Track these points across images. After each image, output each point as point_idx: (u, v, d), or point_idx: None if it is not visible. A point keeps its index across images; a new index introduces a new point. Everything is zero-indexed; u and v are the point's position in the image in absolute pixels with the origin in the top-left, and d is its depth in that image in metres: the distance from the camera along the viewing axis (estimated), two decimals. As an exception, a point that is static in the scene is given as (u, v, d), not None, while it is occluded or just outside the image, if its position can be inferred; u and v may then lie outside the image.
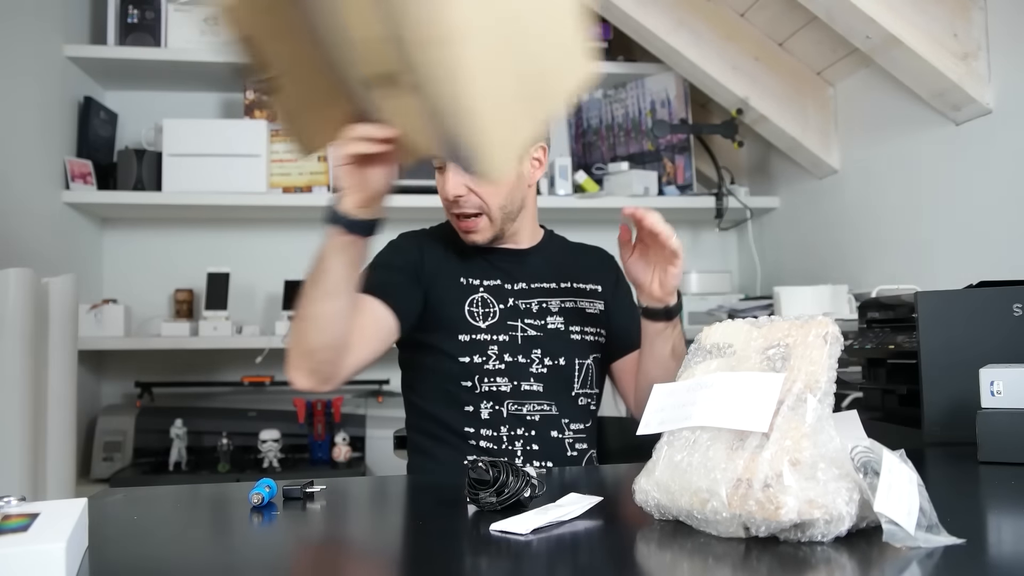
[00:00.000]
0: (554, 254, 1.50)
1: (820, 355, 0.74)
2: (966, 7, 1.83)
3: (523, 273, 1.44)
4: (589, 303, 1.47)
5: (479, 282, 1.42)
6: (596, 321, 1.47)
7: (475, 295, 1.41)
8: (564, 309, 1.44)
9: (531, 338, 1.40)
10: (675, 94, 2.73)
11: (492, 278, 1.43)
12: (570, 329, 1.43)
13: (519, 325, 1.40)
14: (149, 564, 0.73)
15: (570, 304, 1.45)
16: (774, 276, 2.77)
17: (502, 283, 1.43)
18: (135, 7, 2.58)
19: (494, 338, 1.38)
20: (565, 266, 1.48)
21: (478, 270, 1.43)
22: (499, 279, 1.43)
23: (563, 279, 1.47)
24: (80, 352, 1.91)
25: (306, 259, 1.24)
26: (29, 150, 2.31)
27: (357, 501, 1.01)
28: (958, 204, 1.92)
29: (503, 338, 1.39)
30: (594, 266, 1.53)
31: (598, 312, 1.47)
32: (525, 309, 1.41)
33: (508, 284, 1.43)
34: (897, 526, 0.64)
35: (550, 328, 1.42)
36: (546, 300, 1.43)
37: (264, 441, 2.43)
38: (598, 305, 1.48)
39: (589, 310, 1.46)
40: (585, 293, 1.47)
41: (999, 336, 1.17)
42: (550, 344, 1.40)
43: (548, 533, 0.76)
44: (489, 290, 1.42)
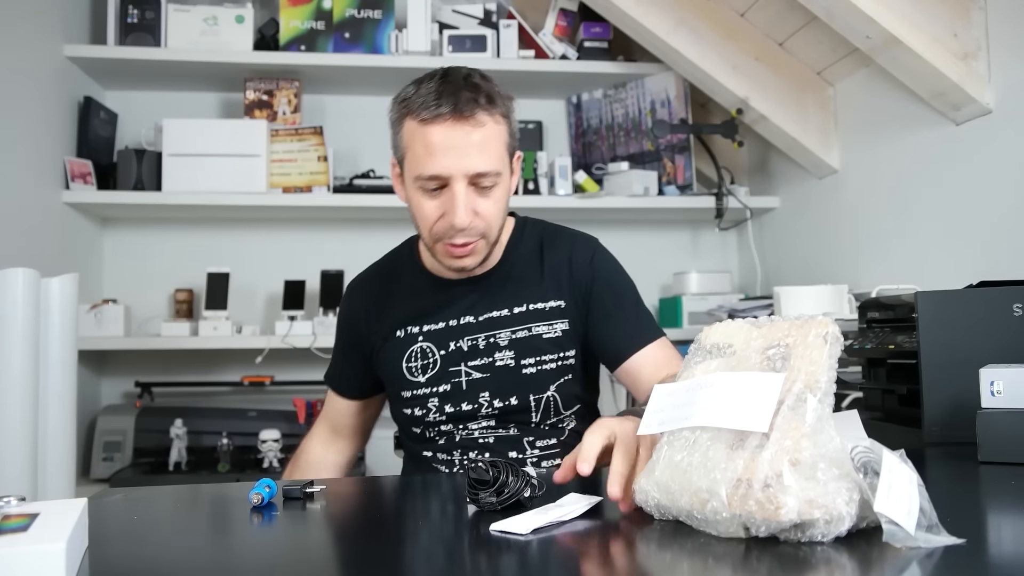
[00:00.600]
0: (514, 269, 1.37)
1: (820, 355, 0.74)
2: (966, 7, 1.83)
3: (472, 304, 1.34)
4: (547, 326, 1.33)
5: (419, 329, 1.35)
6: (557, 345, 1.33)
7: (414, 347, 1.35)
8: (515, 341, 1.32)
9: (476, 382, 1.32)
10: (675, 94, 2.73)
11: (433, 320, 1.35)
12: (522, 363, 1.32)
13: (462, 370, 1.33)
14: (149, 564, 0.73)
15: (523, 333, 1.32)
16: (774, 276, 2.77)
17: (446, 324, 1.34)
18: (135, 7, 2.58)
19: (434, 390, 1.33)
20: (523, 284, 1.35)
21: (422, 314, 1.36)
22: (442, 320, 1.35)
23: (518, 301, 1.34)
24: (80, 352, 1.91)
25: (306, 259, 1.25)
26: (29, 150, 2.31)
27: (357, 501, 1.01)
28: (958, 204, 1.92)
29: (444, 388, 1.33)
30: (561, 272, 1.36)
31: (559, 335, 1.33)
32: (470, 349, 1.33)
33: (454, 320, 1.34)
34: (897, 526, 0.64)
35: (498, 366, 1.32)
36: (495, 333, 1.33)
37: (264, 441, 2.43)
38: (559, 326, 1.33)
39: (547, 335, 1.33)
40: (543, 315, 1.34)
41: (999, 336, 1.17)
42: (499, 385, 1.31)
43: (548, 533, 0.76)
44: (429, 337, 1.34)
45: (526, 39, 2.77)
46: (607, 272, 1.37)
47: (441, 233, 1.25)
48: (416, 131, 1.21)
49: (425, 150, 1.20)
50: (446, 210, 1.22)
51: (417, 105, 1.21)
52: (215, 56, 2.58)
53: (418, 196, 1.25)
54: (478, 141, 1.20)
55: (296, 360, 2.63)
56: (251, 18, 2.64)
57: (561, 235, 1.41)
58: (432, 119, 1.19)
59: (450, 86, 1.21)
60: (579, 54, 2.79)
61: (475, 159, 1.20)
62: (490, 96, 1.22)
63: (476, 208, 1.23)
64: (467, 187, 1.21)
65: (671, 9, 2.44)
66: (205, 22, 2.61)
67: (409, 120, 1.22)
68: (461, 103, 1.19)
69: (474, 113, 1.19)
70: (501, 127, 1.24)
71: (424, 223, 1.26)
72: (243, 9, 2.64)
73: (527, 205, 2.65)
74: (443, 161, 1.19)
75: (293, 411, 2.56)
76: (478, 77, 1.25)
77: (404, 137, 1.24)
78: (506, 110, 1.25)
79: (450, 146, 1.19)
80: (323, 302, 2.63)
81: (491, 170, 1.21)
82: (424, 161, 1.20)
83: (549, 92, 2.95)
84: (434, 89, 1.21)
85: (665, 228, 3.01)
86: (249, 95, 2.70)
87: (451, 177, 1.20)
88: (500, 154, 1.24)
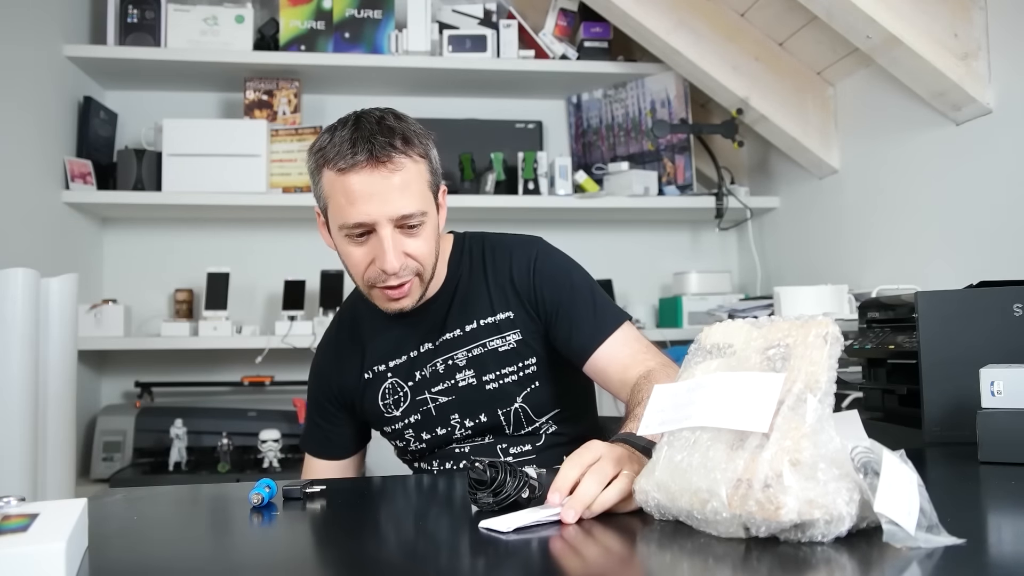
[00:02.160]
0: (459, 288, 1.35)
1: (820, 355, 0.74)
2: (966, 7, 1.83)
3: (427, 331, 1.34)
4: (501, 339, 1.32)
5: (385, 367, 1.36)
6: (514, 357, 1.33)
7: (384, 384, 1.37)
8: (473, 359, 1.32)
9: (443, 406, 1.33)
10: (675, 94, 2.73)
11: (396, 355, 1.36)
12: (484, 380, 1.32)
13: (427, 397, 1.34)
14: (149, 564, 0.73)
15: (478, 350, 1.32)
16: (774, 276, 2.77)
17: (407, 356, 1.35)
18: (135, 7, 2.58)
19: (408, 421, 1.35)
20: (470, 301, 1.34)
21: (383, 351, 1.37)
22: (403, 354, 1.35)
23: (468, 319, 1.34)
24: (80, 352, 1.91)
25: (306, 259, 1.25)
26: (29, 150, 2.31)
27: (357, 501, 1.01)
28: (958, 204, 1.92)
29: (415, 418, 1.35)
30: (505, 283, 1.34)
31: (513, 346, 1.32)
32: (432, 375, 1.34)
33: (413, 351, 1.35)
34: (897, 526, 0.64)
35: (461, 387, 1.33)
36: (453, 355, 1.33)
37: (264, 441, 2.42)
38: (512, 337, 1.32)
39: (502, 348, 1.32)
40: (494, 328, 1.33)
41: (999, 336, 1.17)
42: (465, 405, 1.33)
43: (548, 533, 0.76)
44: (396, 371, 1.36)
45: (526, 39, 2.77)
46: (551, 273, 1.34)
47: (374, 279, 1.23)
48: (335, 181, 1.19)
49: (346, 199, 1.18)
50: (375, 255, 1.21)
51: (333, 154, 1.18)
52: (215, 56, 2.58)
53: (346, 245, 1.23)
54: (398, 184, 1.18)
55: (296, 360, 2.63)
56: (251, 18, 2.64)
57: (501, 245, 1.38)
58: (349, 168, 1.17)
59: (364, 132, 1.18)
60: (579, 54, 2.79)
61: (397, 203, 1.18)
62: (405, 137, 1.20)
63: (406, 250, 1.21)
64: (393, 231, 1.19)
65: (671, 9, 2.44)
66: (205, 22, 2.61)
67: (327, 170, 1.20)
68: (376, 148, 1.17)
69: (391, 157, 1.17)
70: (420, 166, 1.22)
71: (356, 271, 1.24)
72: (243, 9, 2.64)
73: (527, 205, 2.66)
74: (365, 208, 1.17)
75: (293, 411, 2.56)
76: (392, 119, 1.22)
77: (324, 187, 1.22)
78: (424, 149, 1.23)
79: (371, 192, 1.17)
80: (323, 302, 2.63)
81: (415, 211, 1.20)
82: (347, 210, 1.18)
83: (549, 92, 2.95)
84: (348, 137, 1.18)
85: (665, 228, 3.01)
86: (249, 95, 2.70)
87: (376, 223, 1.18)
88: (423, 193, 1.22)
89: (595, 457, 0.84)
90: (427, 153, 1.24)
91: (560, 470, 0.83)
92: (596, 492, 0.80)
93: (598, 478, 0.81)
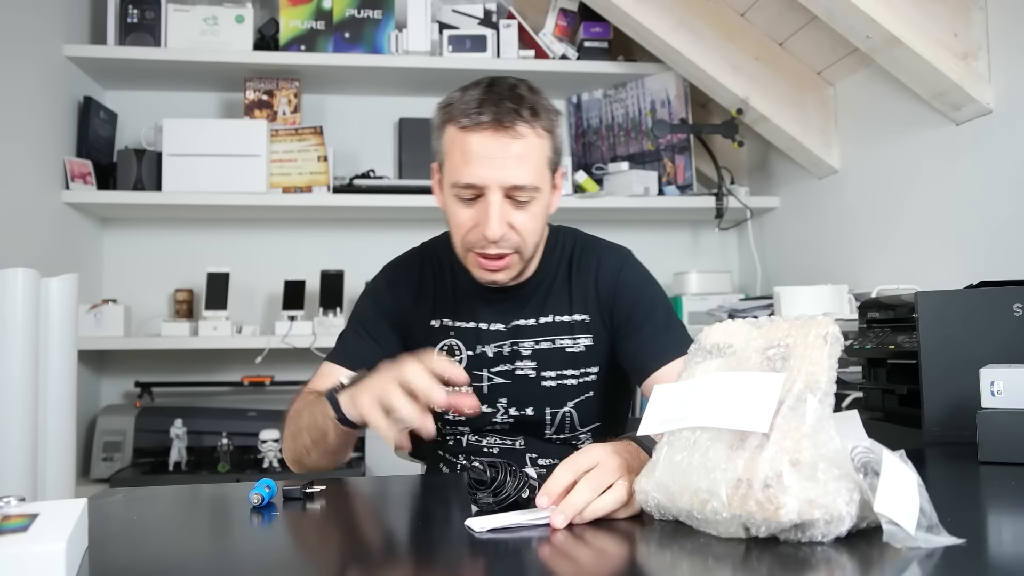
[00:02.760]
0: (545, 276, 1.34)
1: (820, 355, 0.74)
2: (966, 7, 1.83)
3: (504, 310, 1.33)
4: (571, 340, 1.32)
5: (451, 323, 1.34)
6: (579, 361, 1.32)
7: (445, 340, 1.33)
8: (538, 352, 1.31)
9: (496, 387, 1.31)
10: (675, 94, 2.73)
11: (466, 318, 1.34)
12: (542, 375, 1.31)
13: (484, 375, 1.32)
14: (149, 564, 0.73)
15: (546, 344, 1.31)
16: (774, 276, 2.77)
17: (476, 325, 1.33)
18: (135, 7, 2.58)
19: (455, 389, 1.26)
20: (551, 294, 1.34)
21: (456, 308, 1.34)
22: (473, 320, 1.33)
23: (544, 311, 1.33)
24: (80, 352, 1.91)
25: (306, 259, 1.24)
26: (29, 150, 2.31)
27: (357, 501, 1.01)
28: (958, 204, 1.92)
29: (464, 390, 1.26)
30: (588, 287, 1.34)
31: (582, 350, 1.32)
32: (495, 355, 1.32)
33: (484, 324, 1.33)
34: (897, 526, 0.64)
35: (519, 375, 1.31)
36: (519, 341, 1.32)
37: (264, 441, 2.43)
38: (583, 341, 1.32)
39: (571, 349, 1.32)
40: (567, 328, 1.32)
41: (999, 336, 1.17)
42: (517, 394, 1.31)
43: (531, 535, 0.76)
44: (460, 334, 1.33)
45: (526, 39, 2.77)
46: (634, 286, 1.33)
47: (473, 242, 1.22)
48: (455, 138, 1.19)
49: (463, 158, 1.17)
50: (479, 220, 1.19)
51: (458, 112, 1.18)
52: (215, 56, 2.58)
53: (453, 204, 1.22)
54: (517, 153, 1.17)
55: (296, 360, 2.63)
56: (251, 18, 2.64)
57: (591, 248, 1.38)
58: (472, 127, 1.16)
59: (493, 95, 1.18)
60: (579, 54, 2.79)
61: (512, 171, 1.17)
62: (534, 108, 1.19)
63: (511, 221, 1.20)
64: (502, 199, 1.18)
65: (671, 9, 2.44)
66: (205, 22, 2.61)
67: (450, 126, 1.20)
68: (502, 113, 1.16)
69: (514, 124, 1.16)
70: (543, 141, 1.21)
71: (457, 231, 1.24)
72: (243, 9, 2.64)
73: (527, 205, 2.65)
74: (479, 171, 1.17)
75: (293, 411, 2.56)
76: (525, 88, 1.22)
77: (444, 143, 1.22)
78: (550, 124, 1.22)
79: (487, 156, 1.16)
80: (323, 302, 2.63)
81: (528, 184, 1.18)
82: (461, 169, 1.18)
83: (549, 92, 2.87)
84: (477, 97, 1.18)
85: (665, 228, 3.01)
86: (249, 95, 2.70)
87: (486, 187, 1.17)
88: (539, 168, 1.21)
89: (591, 463, 0.81)
90: (552, 129, 1.23)
91: (553, 473, 0.81)
92: (588, 499, 0.78)
93: (592, 485, 0.79)
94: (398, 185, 2.67)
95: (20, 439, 1.57)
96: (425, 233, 1.49)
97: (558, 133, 1.25)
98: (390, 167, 2.91)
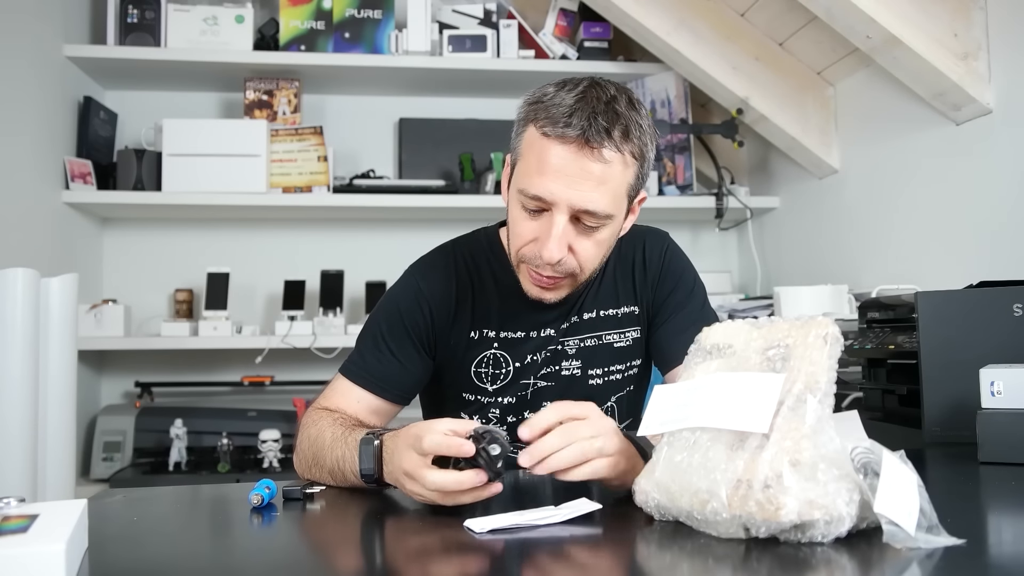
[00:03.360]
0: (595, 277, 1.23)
1: (820, 355, 0.74)
2: (966, 7, 1.83)
3: (556, 318, 1.24)
4: (619, 334, 1.26)
5: (495, 334, 1.23)
6: (626, 355, 1.26)
7: (486, 353, 1.23)
8: (583, 349, 1.24)
9: (541, 390, 1.24)
10: (675, 94, 2.73)
11: (513, 328, 1.23)
12: (589, 373, 1.25)
13: (531, 383, 1.24)
14: (149, 565, 0.73)
15: (592, 342, 1.25)
16: (774, 276, 2.77)
17: (525, 334, 1.23)
18: (135, 7, 2.58)
19: (499, 400, 1.24)
20: (603, 289, 1.26)
21: (500, 317, 1.23)
22: (521, 329, 1.23)
23: (589, 307, 1.25)
24: (80, 352, 1.91)
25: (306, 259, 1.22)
26: (29, 150, 2.31)
27: (357, 502, 1.01)
28: (958, 204, 1.92)
29: (509, 400, 1.24)
30: (635, 272, 1.27)
31: (630, 343, 1.26)
32: (543, 359, 1.24)
33: (534, 332, 1.23)
34: (898, 527, 0.64)
35: (564, 375, 1.24)
36: (564, 340, 1.24)
37: (264, 441, 2.42)
38: (631, 334, 1.26)
39: (619, 343, 1.26)
40: (615, 322, 1.26)
41: (999, 336, 1.17)
42: (561, 394, 1.22)
43: (549, 533, 0.76)
44: (505, 345, 1.23)
45: (526, 39, 2.77)
46: (677, 270, 1.28)
47: (528, 257, 1.12)
48: (535, 141, 1.08)
49: (538, 166, 1.06)
50: (540, 236, 1.09)
51: (545, 114, 1.06)
52: (215, 56, 2.58)
53: (517, 210, 1.12)
54: (597, 176, 1.05)
55: (296, 360, 2.63)
56: (251, 18, 2.64)
57: (631, 233, 1.27)
58: (556, 136, 1.05)
59: (587, 106, 1.05)
60: (579, 54, 2.79)
61: (587, 195, 1.05)
62: (627, 130, 1.06)
63: (573, 246, 1.09)
64: (568, 221, 1.07)
65: (671, 9, 2.44)
66: (205, 22, 2.61)
67: (532, 126, 1.08)
68: (592, 131, 1.03)
69: (602, 145, 1.04)
70: (628, 169, 1.08)
71: (515, 240, 1.13)
72: (243, 9, 2.64)
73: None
74: (551, 185, 1.05)
75: (293, 411, 2.56)
76: (623, 103, 1.07)
77: (524, 141, 1.11)
78: (641, 149, 1.09)
79: (565, 172, 1.05)
80: (323, 302, 2.63)
81: (600, 211, 1.07)
82: (533, 177, 1.07)
83: None
84: (569, 103, 1.05)
85: (665, 228, 2.99)
86: (249, 95, 2.70)
87: (554, 204, 1.06)
88: (617, 196, 1.09)
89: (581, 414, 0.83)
90: (643, 155, 1.10)
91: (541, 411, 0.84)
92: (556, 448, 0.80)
93: (566, 437, 0.81)
94: (398, 185, 2.67)
95: (20, 439, 1.57)
96: (425, 233, 1.49)
97: (649, 158, 1.13)
98: (390, 167, 2.91)
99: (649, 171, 1.15)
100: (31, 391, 1.61)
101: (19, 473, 1.57)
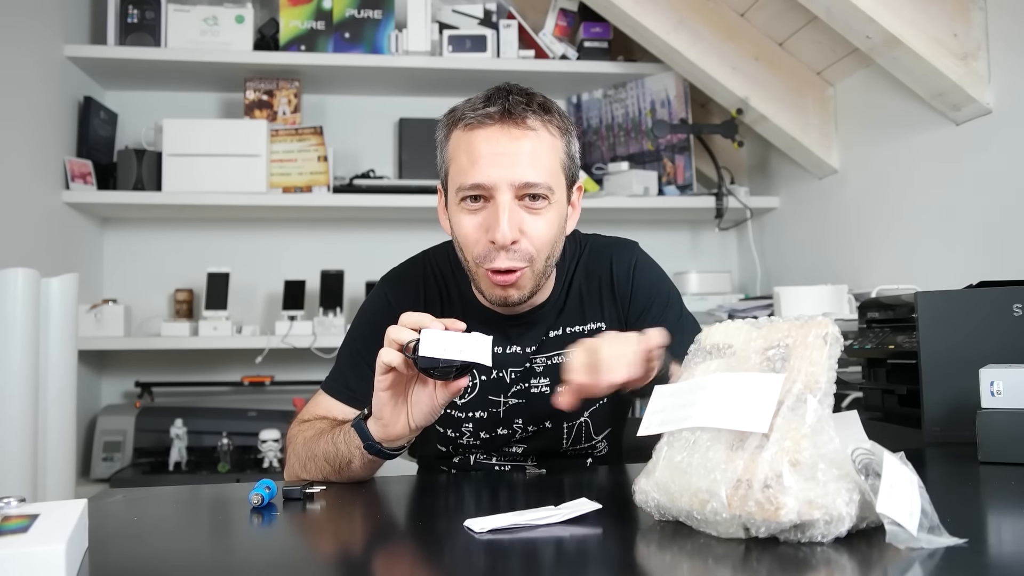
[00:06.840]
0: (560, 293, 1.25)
1: (820, 355, 0.74)
2: (966, 7, 1.83)
3: (523, 334, 1.23)
4: None
5: None
6: None
7: None
8: (551, 367, 1.23)
9: (512, 408, 1.23)
10: (675, 94, 2.73)
11: None
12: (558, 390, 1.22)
13: (500, 400, 1.23)
14: (149, 565, 0.73)
15: (559, 359, 1.23)
16: (774, 276, 2.77)
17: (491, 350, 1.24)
18: (135, 7, 2.58)
19: (469, 415, 1.23)
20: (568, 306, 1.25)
21: None
22: None
23: (555, 325, 1.24)
24: (80, 352, 1.91)
25: (306, 259, 1.22)
26: (29, 150, 2.31)
27: (357, 502, 1.01)
28: (958, 204, 1.92)
29: (480, 415, 1.23)
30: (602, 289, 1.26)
31: None
32: (512, 378, 1.23)
33: (499, 348, 1.20)
34: (900, 527, 0.64)
35: (534, 392, 1.23)
36: (533, 358, 1.23)
37: (264, 441, 2.43)
38: None
39: None
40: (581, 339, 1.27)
41: (999, 336, 1.17)
42: (533, 411, 1.23)
43: (549, 533, 0.76)
44: None
45: (526, 39, 2.77)
46: (648, 283, 1.27)
47: (482, 256, 1.10)
48: (460, 139, 1.10)
49: (469, 158, 1.08)
50: (489, 225, 1.08)
51: (464, 112, 1.10)
52: (215, 56, 2.58)
53: (460, 215, 1.11)
54: (528, 150, 1.07)
55: (296, 360, 2.63)
56: (251, 18, 2.64)
57: (599, 249, 1.29)
58: (478, 123, 1.08)
59: (501, 91, 1.10)
60: (579, 54, 2.79)
61: (522, 168, 1.07)
62: (545, 106, 1.11)
63: (523, 227, 1.09)
64: (513, 200, 1.08)
65: (671, 9, 2.44)
66: (205, 22, 2.61)
67: (456, 130, 1.11)
68: (511, 105, 1.08)
69: (525, 118, 1.08)
70: (556, 141, 1.11)
71: (466, 245, 1.12)
72: (243, 9, 2.64)
73: (527, 205, 2.65)
74: (487, 169, 1.07)
75: (293, 411, 2.56)
76: (539, 94, 1.13)
77: (449, 151, 1.13)
78: (564, 125, 1.13)
79: (496, 152, 1.07)
80: (323, 302, 2.63)
81: (541, 182, 1.08)
82: (467, 171, 1.08)
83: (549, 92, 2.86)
84: (483, 95, 1.11)
85: (665, 228, 3.01)
86: (249, 95, 2.70)
87: (495, 187, 1.07)
88: (553, 169, 1.10)
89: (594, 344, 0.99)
90: (567, 132, 1.14)
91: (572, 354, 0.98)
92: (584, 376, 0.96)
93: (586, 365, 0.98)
94: (398, 185, 2.67)
95: (20, 439, 1.57)
96: (424, 233, 1.49)
97: (573, 141, 1.15)
98: (390, 167, 2.91)
99: (577, 158, 1.17)
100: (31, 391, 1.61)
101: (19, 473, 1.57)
